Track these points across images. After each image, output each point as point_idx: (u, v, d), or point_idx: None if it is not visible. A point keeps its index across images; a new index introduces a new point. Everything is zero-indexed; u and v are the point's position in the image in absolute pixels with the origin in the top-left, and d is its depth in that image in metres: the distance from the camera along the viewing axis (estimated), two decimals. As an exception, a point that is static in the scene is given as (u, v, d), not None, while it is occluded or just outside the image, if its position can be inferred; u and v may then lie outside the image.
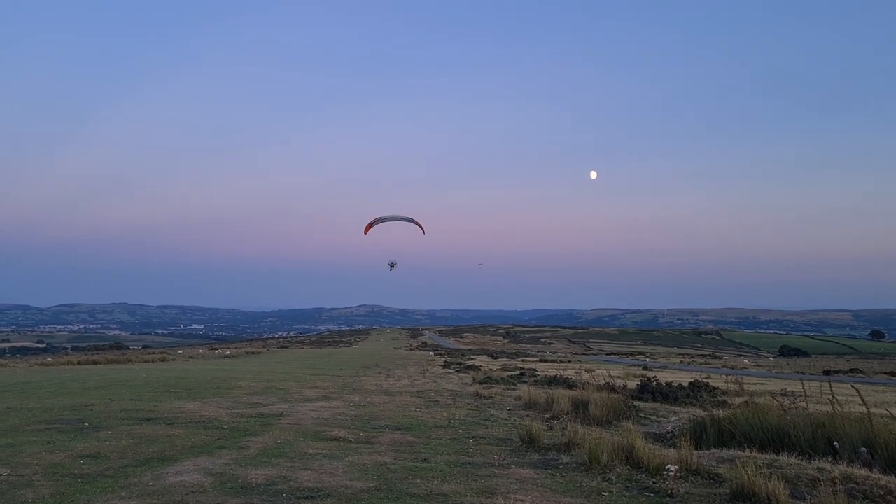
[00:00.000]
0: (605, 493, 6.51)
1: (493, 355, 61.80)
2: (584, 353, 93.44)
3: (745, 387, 21.63)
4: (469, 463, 7.99)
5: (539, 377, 24.45)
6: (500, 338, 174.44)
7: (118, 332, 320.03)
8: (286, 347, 79.89)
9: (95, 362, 34.91)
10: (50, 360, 39.72)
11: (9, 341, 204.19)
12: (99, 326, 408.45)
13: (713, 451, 8.34)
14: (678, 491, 6.41)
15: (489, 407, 14.21)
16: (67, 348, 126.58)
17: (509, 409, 13.72)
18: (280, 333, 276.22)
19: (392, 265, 29.04)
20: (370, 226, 26.81)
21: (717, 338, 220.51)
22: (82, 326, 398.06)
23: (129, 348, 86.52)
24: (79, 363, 34.41)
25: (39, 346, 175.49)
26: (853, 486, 6.37)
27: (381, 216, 27.02)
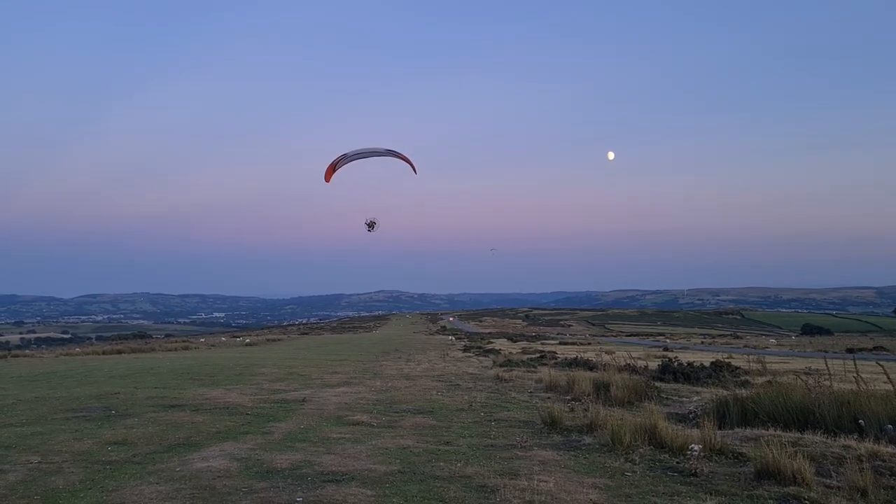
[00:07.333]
0: (629, 474, 6.50)
1: (512, 339, 61.87)
2: (603, 335, 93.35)
3: (768, 366, 21.49)
4: (491, 445, 8.01)
5: (559, 359, 24.43)
6: (519, 321, 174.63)
7: (141, 322, 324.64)
8: (306, 334, 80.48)
9: (120, 351, 35.48)
10: (77, 350, 40.34)
11: (34, 332, 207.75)
12: (122, 316, 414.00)
13: (737, 430, 8.29)
14: (702, 470, 6.37)
15: (510, 390, 14.22)
16: (92, 338, 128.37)
17: (530, 392, 13.72)
18: (300, 320, 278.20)
19: (370, 224, 21.27)
20: (333, 168, 19.21)
21: (738, 317, 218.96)
22: (106, 317, 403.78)
23: (152, 337, 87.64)
24: (104, 353, 34.99)
25: (64, 336, 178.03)
26: (880, 463, 6.32)
27: (349, 153, 19.20)
